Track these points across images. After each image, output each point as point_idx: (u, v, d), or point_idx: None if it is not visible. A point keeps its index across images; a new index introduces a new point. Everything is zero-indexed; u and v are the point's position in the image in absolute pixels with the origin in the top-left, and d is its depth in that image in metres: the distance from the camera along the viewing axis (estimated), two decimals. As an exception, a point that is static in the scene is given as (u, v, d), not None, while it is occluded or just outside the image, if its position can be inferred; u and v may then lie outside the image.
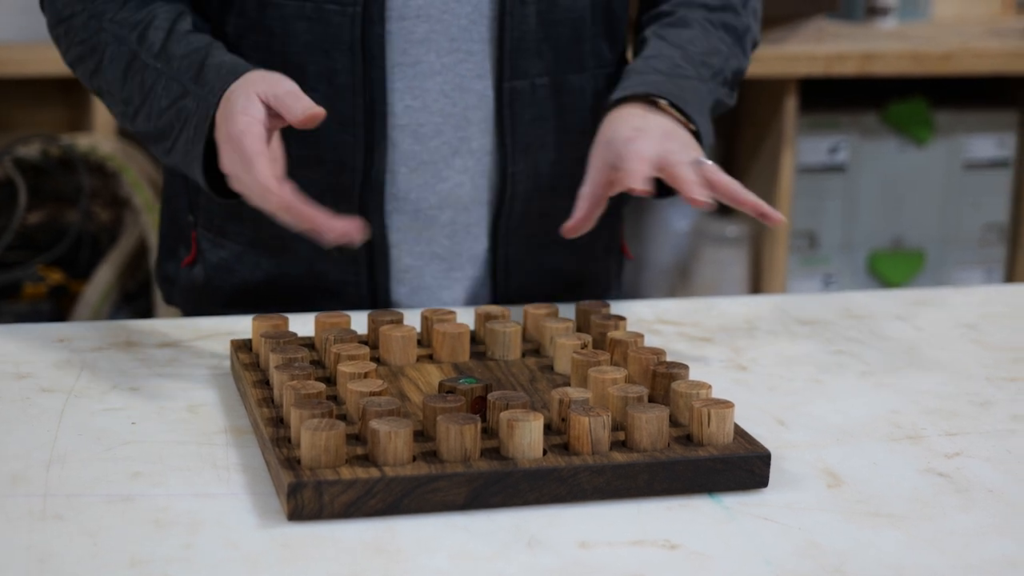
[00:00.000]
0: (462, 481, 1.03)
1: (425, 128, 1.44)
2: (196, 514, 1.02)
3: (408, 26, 1.42)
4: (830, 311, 1.52)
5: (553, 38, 1.46)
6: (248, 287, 1.51)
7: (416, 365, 1.25)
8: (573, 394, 1.11)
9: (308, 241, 1.43)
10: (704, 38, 1.50)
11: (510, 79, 1.45)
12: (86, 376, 1.28)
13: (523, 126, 1.46)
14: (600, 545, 0.99)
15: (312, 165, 1.44)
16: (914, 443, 1.18)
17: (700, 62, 1.47)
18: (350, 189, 1.44)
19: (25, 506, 1.02)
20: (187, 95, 1.33)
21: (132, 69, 1.38)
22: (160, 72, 1.36)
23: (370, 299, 1.48)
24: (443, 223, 1.48)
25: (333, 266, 1.47)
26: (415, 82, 1.43)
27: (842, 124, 3.03)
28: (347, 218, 1.21)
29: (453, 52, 1.44)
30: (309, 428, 1.03)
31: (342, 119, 1.42)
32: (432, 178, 1.46)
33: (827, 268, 3.09)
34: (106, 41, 1.40)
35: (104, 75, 1.40)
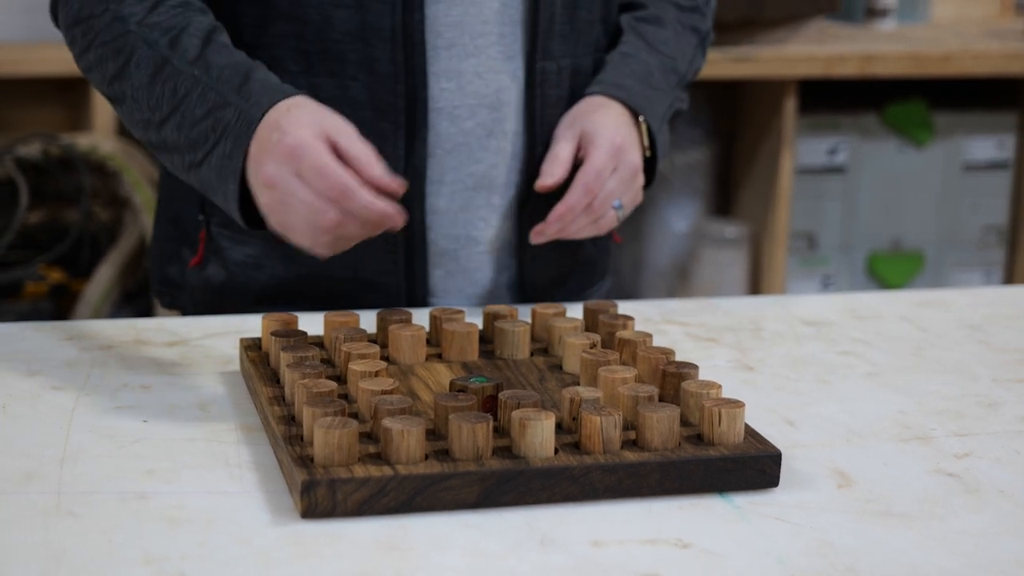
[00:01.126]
0: (474, 480, 1.03)
1: (460, 110, 1.45)
2: (209, 511, 1.02)
3: (443, 9, 1.43)
4: (835, 312, 1.53)
5: (575, 21, 1.49)
6: (278, 284, 1.49)
7: (425, 364, 1.26)
8: (584, 393, 1.12)
9: None
10: (675, 41, 1.57)
11: (542, 60, 1.47)
12: (96, 374, 1.28)
13: (550, 109, 1.49)
14: (612, 544, 1.00)
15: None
16: (923, 443, 1.18)
17: (670, 68, 1.55)
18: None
19: (39, 503, 1.03)
20: (227, 106, 1.29)
21: (163, 74, 1.32)
22: (197, 79, 1.31)
23: (407, 286, 1.48)
24: (478, 204, 1.49)
25: (371, 256, 1.47)
26: (450, 64, 1.44)
27: (842, 125, 3.04)
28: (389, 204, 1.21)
29: (486, 35, 1.45)
30: (322, 426, 1.03)
31: (383, 107, 1.42)
32: (467, 160, 1.47)
33: (826, 269, 3.10)
34: (133, 44, 1.34)
35: (129, 79, 1.35)
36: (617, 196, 1.45)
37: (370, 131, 1.41)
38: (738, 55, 2.78)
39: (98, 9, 1.37)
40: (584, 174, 1.43)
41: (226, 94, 1.29)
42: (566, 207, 1.43)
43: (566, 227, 1.44)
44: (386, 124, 1.42)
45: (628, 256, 3.15)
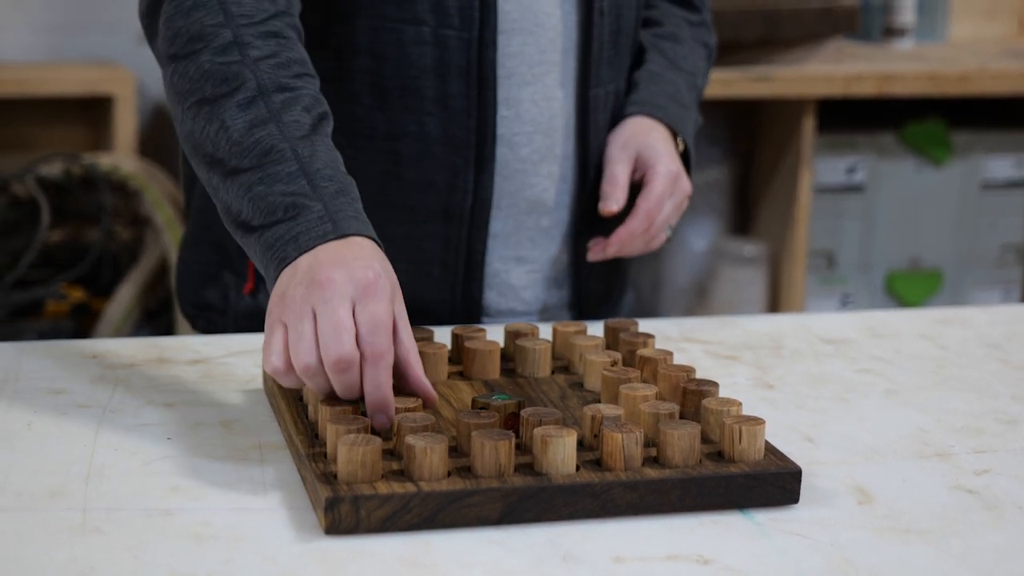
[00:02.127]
0: (497, 496, 1.04)
1: (518, 137, 1.48)
2: (235, 528, 1.03)
3: (504, 40, 1.46)
4: (854, 330, 1.53)
5: (619, 46, 1.54)
6: None
7: (447, 382, 1.26)
8: (605, 411, 1.12)
9: (406, 262, 1.44)
10: (692, 57, 1.62)
11: (594, 87, 1.51)
12: (120, 392, 1.29)
13: (601, 132, 1.53)
14: (634, 560, 1.00)
15: (424, 189, 1.46)
16: (942, 460, 1.19)
17: (692, 86, 1.61)
18: (460, 208, 1.47)
19: (65, 520, 1.04)
20: (317, 202, 1.16)
21: (262, 130, 1.20)
22: (297, 156, 1.19)
23: (464, 309, 1.51)
24: (528, 227, 1.52)
25: (430, 283, 1.49)
26: (510, 93, 1.47)
27: (860, 144, 3.04)
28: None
29: (542, 63, 1.48)
30: (346, 443, 1.04)
31: (455, 142, 1.45)
32: (521, 185, 1.50)
33: (845, 288, 3.10)
34: (246, 79, 1.23)
35: (224, 112, 1.22)
36: (671, 222, 1.51)
37: (442, 164, 1.45)
38: (756, 74, 2.79)
39: (217, 20, 1.25)
40: (647, 201, 1.48)
41: (321, 192, 1.17)
42: (627, 232, 1.48)
43: (623, 249, 1.50)
44: (458, 158, 1.46)
45: (647, 274, 3.16)
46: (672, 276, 3.12)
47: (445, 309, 1.51)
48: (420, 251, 1.48)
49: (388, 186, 1.46)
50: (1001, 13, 3.43)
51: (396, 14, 1.42)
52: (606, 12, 1.50)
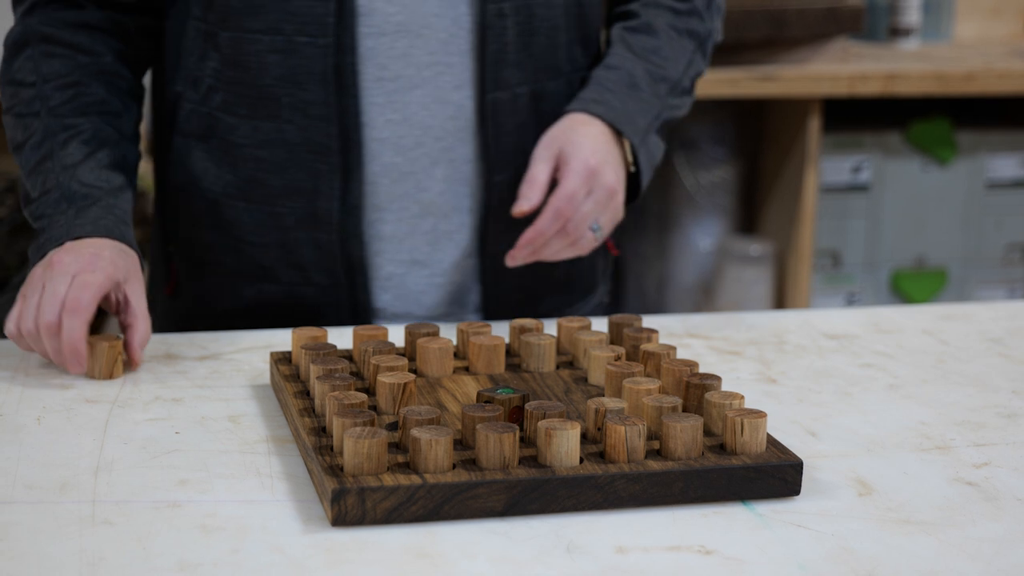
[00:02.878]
0: (501, 488, 1.05)
1: (406, 140, 1.47)
2: (242, 520, 1.04)
3: (387, 42, 1.45)
4: (858, 326, 1.54)
5: (531, 47, 1.49)
6: (229, 315, 1.53)
7: (453, 377, 1.28)
8: (609, 404, 1.14)
9: (287, 267, 1.50)
10: (668, 47, 1.56)
11: (492, 91, 1.48)
12: (129, 387, 1.30)
13: (506, 136, 1.50)
14: (637, 551, 1.01)
15: (291, 195, 1.47)
16: (943, 453, 1.20)
17: (659, 77, 1.54)
18: (328, 215, 1.47)
19: (75, 512, 1.05)
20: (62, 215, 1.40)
21: (42, 168, 1.44)
22: (60, 184, 1.42)
23: (351, 314, 1.51)
24: (424, 231, 1.51)
25: (313, 289, 1.51)
26: (395, 96, 1.46)
27: (865, 144, 3.05)
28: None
29: (432, 65, 1.47)
30: (352, 436, 1.05)
31: (317, 148, 1.46)
32: (413, 188, 1.49)
33: (850, 287, 3.11)
34: (37, 128, 1.45)
35: (24, 155, 1.46)
36: (593, 218, 1.46)
37: (307, 171, 1.46)
38: (762, 74, 2.80)
39: (30, 79, 1.47)
40: (556, 199, 1.44)
41: (68, 210, 1.40)
42: (535, 232, 1.44)
43: (539, 251, 1.46)
44: (322, 164, 1.46)
45: (653, 273, 3.17)
46: (678, 275, 3.13)
47: (332, 312, 1.51)
48: (296, 256, 1.50)
49: (255, 193, 1.48)
50: (1006, 13, 3.44)
51: (254, 25, 1.44)
52: (509, 14, 1.47)
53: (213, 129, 1.48)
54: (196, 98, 1.48)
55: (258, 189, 1.48)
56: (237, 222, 1.49)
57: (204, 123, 1.48)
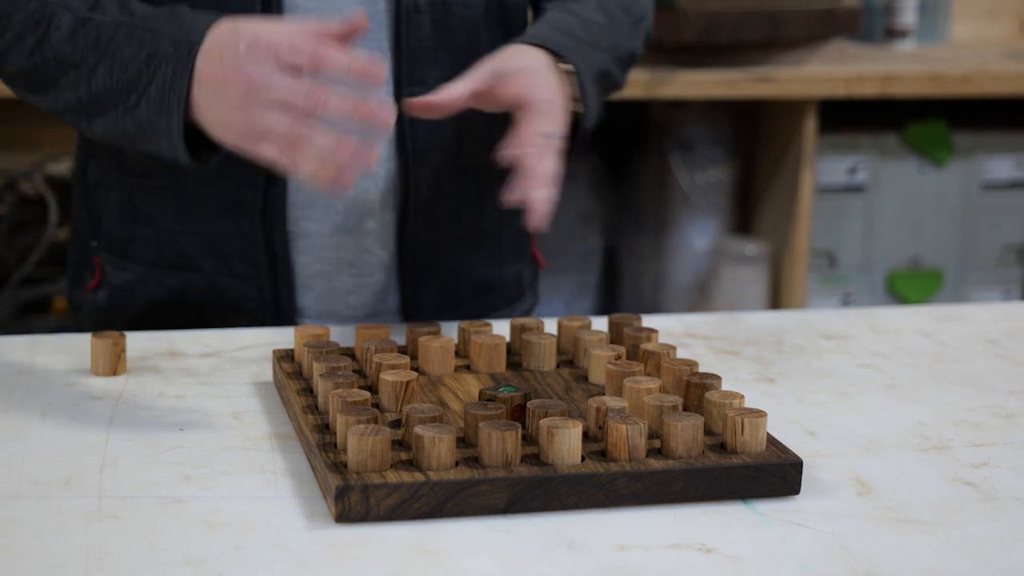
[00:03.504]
0: (503, 486, 1.06)
1: None
2: (246, 516, 1.05)
3: None
4: (855, 326, 1.55)
5: (449, 45, 1.48)
6: (150, 307, 1.52)
7: (454, 375, 1.29)
8: (610, 403, 1.14)
9: (210, 257, 1.49)
10: (602, 12, 1.52)
11: (408, 87, 1.47)
12: (133, 384, 1.31)
13: (422, 133, 1.49)
14: (637, 548, 1.02)
15: (213, 182, 1.47)
16: (941, 453, 1.21)
17: (596, 33, 1.49)
18: (251, 204, 1.47)
19: (80, 507, 1.06)
20: (161, 38, 1.29)
21: (84, 28, 1.33)
22: (121, 23, 1.31)
23: (274, 310, 1.50)
24: (349, 229, 1.50)
25: (235, 281, 1.50)
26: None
27: (862, 145, 3.07)
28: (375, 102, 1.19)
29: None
30: (356, 433, 1.06)
31: None
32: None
33: (846, 287, 3.12)
34: (52, 11, 1.34)
35: (49, 42, 1.34)
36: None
37: (230, 159, 1.41)
38: (758, 75, 2.81)
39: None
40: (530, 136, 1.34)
41: (157, 28, 1.29)
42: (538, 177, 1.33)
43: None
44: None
45: (649, 272, 3.18)
46: (674, 275, 3.14)
47: (256, 307, 1.50)
48: (218, 245, 1.49)
49: (177, 181, 1.47)
50: (1002, 14, 3.45)
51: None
52: (423, 9, 1.46)
53: None
54: None
55: (180, 177, 1.47)
56: (159, 211, 1.47)
57: None
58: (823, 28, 2.88)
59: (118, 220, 1.47)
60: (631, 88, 2.78)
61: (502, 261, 1.61)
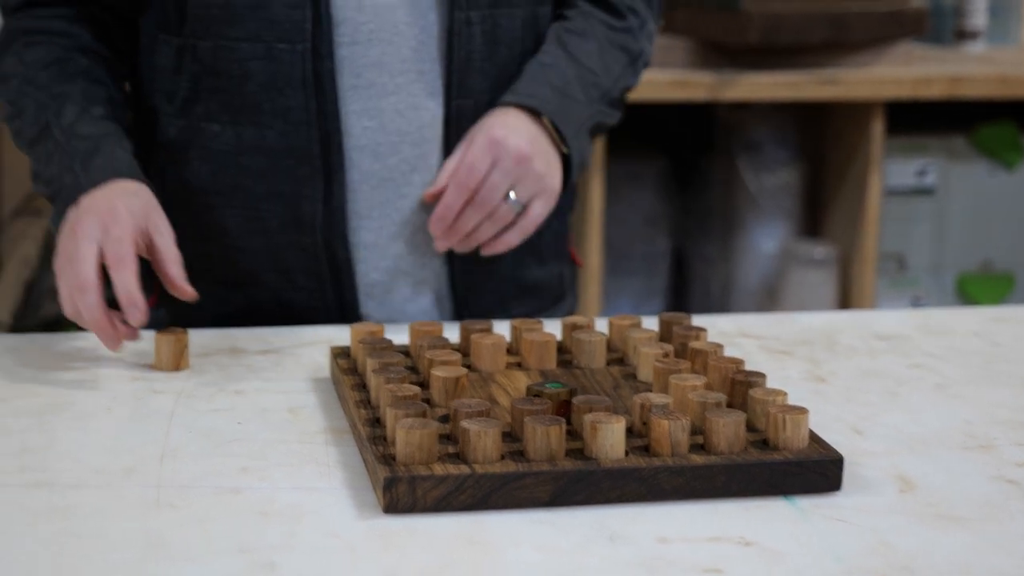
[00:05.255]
0: (547, 479, 1.09)
1: (383, 147, 1.51)
2: (299, 506, 1.09)
3: (360, 51, 1.49)
4: (910, 327, 1.56)
5: (495, 57, 1.53)
6: (217, 322, 1.56)
7: (505, 372, 1.31)
8: (654, 399, 1.17)
9: (274, 272, 1.53)
10: (600, 56, 1.58)
11: (458, 98, 1.52)
12: (195, 379, 1.35)
13: None
14: (678, 540, 1.05)
15: (272, 199, 1.51)
16: (985, 452, 1.22)
17: (591, 83, 1.56)
18: (311, 218, 1.51)
19: (139, 496, 1.09)
20: (70, 172, 1.43)
21: (43, 138, 1.47)
22: (59, 145, 1.45)
23: (338, 320, 1.55)
24: (406, 238, 1.54)
25: (299, 294, 1.54)
26: (370, 103, 1.50)
27: (930, 147, 3.06)
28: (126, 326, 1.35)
29: (405, 73, 1.50)
30: (404, 427, 1.09)
31: (299, 153, 1.49)
32: (394, 195, 1.52)
33: (916, 290, 3.11)
34: (29, 106, 1.49)
35: (24, 137, 1.50)
36: (504, 188, 1.47)
37: (289, 176, 1.49)
38: (823, 77, 2.82)
39: (16, 70, 1.52)
40: (454, 171, 1.48)
41: (74, 163, 1.43)
42: (443, 207, 1.47)
43: (456, 227, 1.48)
44: (303, 168, 1.49)
45: (718, 276, 3.19)
46: (742, 278, 3.15)
47: (320, 316, 1.54)
48: (281, 260, 1.53)
49: (238, 198, 1.52)
50: (1075, 16, 3.43)
51: (232, 33, 1.47)
52: (475, 22, 1.50)
53: (193, 139, 1.51)
54: (172, 111, 1.52)
55: (241, 195, 1.51)
56: (222, 229, 1.52)
57: (184, 135, 1.52)
58: (889, 30, 2.87)
59: (182, 239, 1.51)
60: (695, 90, 2.80)
61: (544, 262, 1.64)
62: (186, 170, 1.52)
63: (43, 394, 1.31)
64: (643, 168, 3.15)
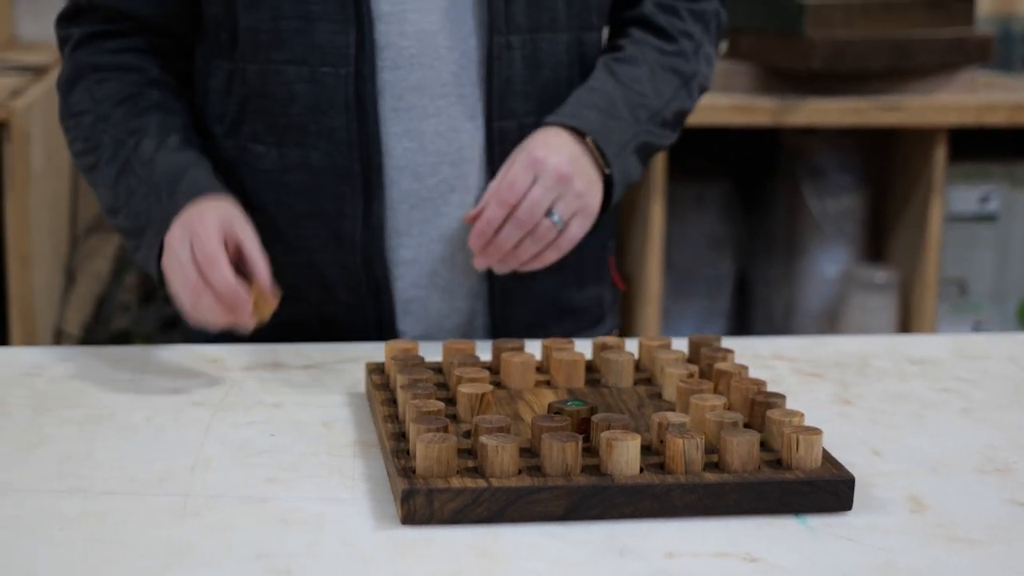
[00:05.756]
0: (562, 493, 1.11)
1: (423, 168, 1.55)
2: (321, 516, 1.12)
3: (402, 74, 1.53)
4: (944, 351, 1.57)
5: (537, 80, 1.57)
6: (258, 338, 1.59)
7: (534, 389, 1.34)
8: (672, 418, 1.19)
9: (317, 287, 1.58)
10: (650, 79, 1.60)
11: (499, 119, 1.56)
12: (234, 393, 1.39)
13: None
14: (686, 556, 1.07)
15: (315, 217, 1.56)
16: (1002, 475, 1.23)
17: (639, 104, 1.58)
18: (352, 236, 1.56)
19: (168, 504, 1.14)
20: (159, 204, 1.48)
21: (124, 173, 1.52)
22: (142, 180, 1.51)
23: (377, 334, 1.59)
24: (443, 257, 1.58)
25: (340, 309, 1.59)
26: (411, 125, 1.54)
27: (993, 174, 3.05)
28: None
29: (445, 96, 1.54)
30: (423, 440, 1.12)
31: (341, 173, 1.54)
32: (432, 214, 1.56)
33: (977, 316, 3.10)
34: (106, 143, 1.54)
35: (100, 173, 1.55)
36: (545, 205, 1.48)
37: (331, 195, 1.54)
38: (886, 103, 2.82)
39: (87, 106, 1.57)
40: (496, 189, 1.50)
41: (160, 194, 1.49)
42: (483, 222, 1.49)
43: (496, 243, 1.49)
44: (345, 187, 1.54)
45: (780, 299, 3.20)
46: (804, 302, 3.16)
47: (359, 331, 1.59)
48: (321, 276, 1.58)
49: (283, 217, 1.57)
50: None
51: (279, 56, 1.52)
52: (516, 46, 1.54)
53: (240, 159, 1.57)
54: (222, 131, 1.58)
55: (285, 213, 1.56)
56: (266, 245, 1.55)
57: (231, 155, 1.57)
58: (953, 57, 2.87)
59: None
60: (758, 115, 2.82)
61: (583, 284, 1.66)
62: (233, 189, 1.57)
63: (87, 405, 1.36)
64: (708, 191, 3.17)
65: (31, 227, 2.63)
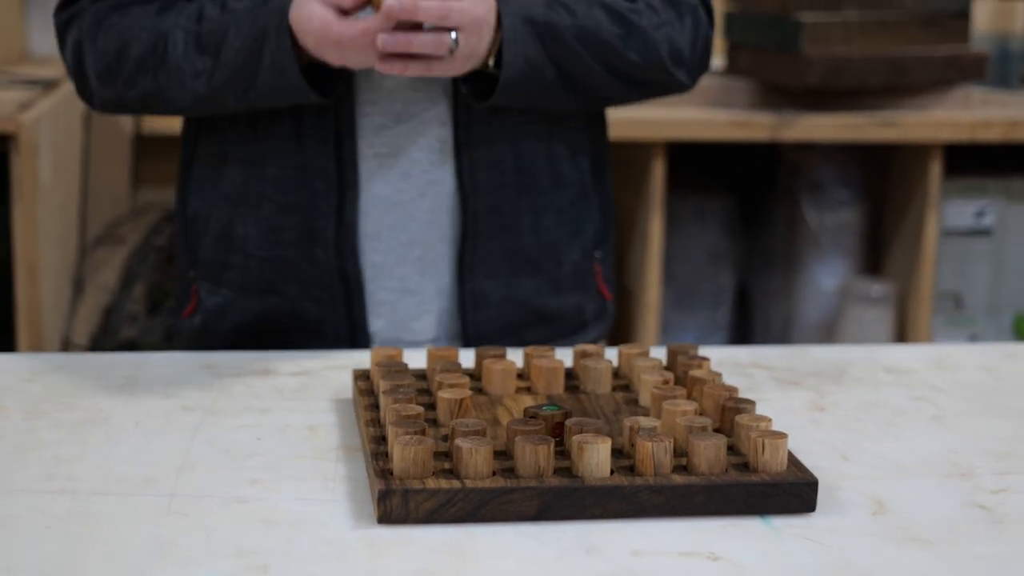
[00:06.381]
0: (533, 495, 1.15)
1: (394, 172, 1.61)
2: (300, 516, 1.16)
3: (377, 81, 1.59)
4: (920, 361, 1.61)
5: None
6: (238, 329, 1.67)
7: (514, 396, 1.38)
8: (643, 422, 1.23)
9: (291, 282, 1.63)
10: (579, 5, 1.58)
11: (468, 123, 1.60)
12: (224, 398, 1.43)
13: (480, 168, 1.62)
14: (651, 554, 1.11)
15: (291, 211, 1.61)
16: (964, 479, 1.27)
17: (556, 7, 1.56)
18: (324, 234, 1.61)
19: (154, 504, 1.18)
20: (260, 18, 1.51)
21: (201, 42, 1.55)
22: (227, 23, 1.54)
23: (348, 333, 1.64)
24: (412, 260, 1.63)
25: (314, 305, 1.64)
26: (383, 131, 1.60)
27: (989, 189, 3.09)
28: None
29: (416, 102, 1.60)
30: (401, 443, 1.16)
31: (316, 170, 1.60)
32: (403, 218, 1.62)
33: (973, 329, 3.14)
34: (165, 36, 1.56)
35: (167, 65, 1.56)
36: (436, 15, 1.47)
37: (307, 190, 1.60)
38: (882, 119, 2.86)
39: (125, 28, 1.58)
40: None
41: (255, 16, 1.52)
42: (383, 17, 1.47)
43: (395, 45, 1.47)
44: (319, 184, 1.60)
45: (779, 311, 3.23)
46: (803, 314, 3.20)
47: (332, 331, 1.64)
48: (297, 271, 1.63)
49: (263, 210, 1.63)
50: None
51: None
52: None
53: (227, 156, 1.63)
54: (211, 131, 1.64)
55: (265, 205, 1.62)
56: (246, 238, 1.61)
57: (218, 150, 1.64)
58: (948, 74, 2.91)
59: (213, 249, 1.61)
60: (756, 130, 2.86)
61: (560, 291, 1.70)
62: (218, 184, 1.63)
63: (81, 408, 1.40)
64: (709, 205, 3.21)
65: (39, 237, 2.68)
